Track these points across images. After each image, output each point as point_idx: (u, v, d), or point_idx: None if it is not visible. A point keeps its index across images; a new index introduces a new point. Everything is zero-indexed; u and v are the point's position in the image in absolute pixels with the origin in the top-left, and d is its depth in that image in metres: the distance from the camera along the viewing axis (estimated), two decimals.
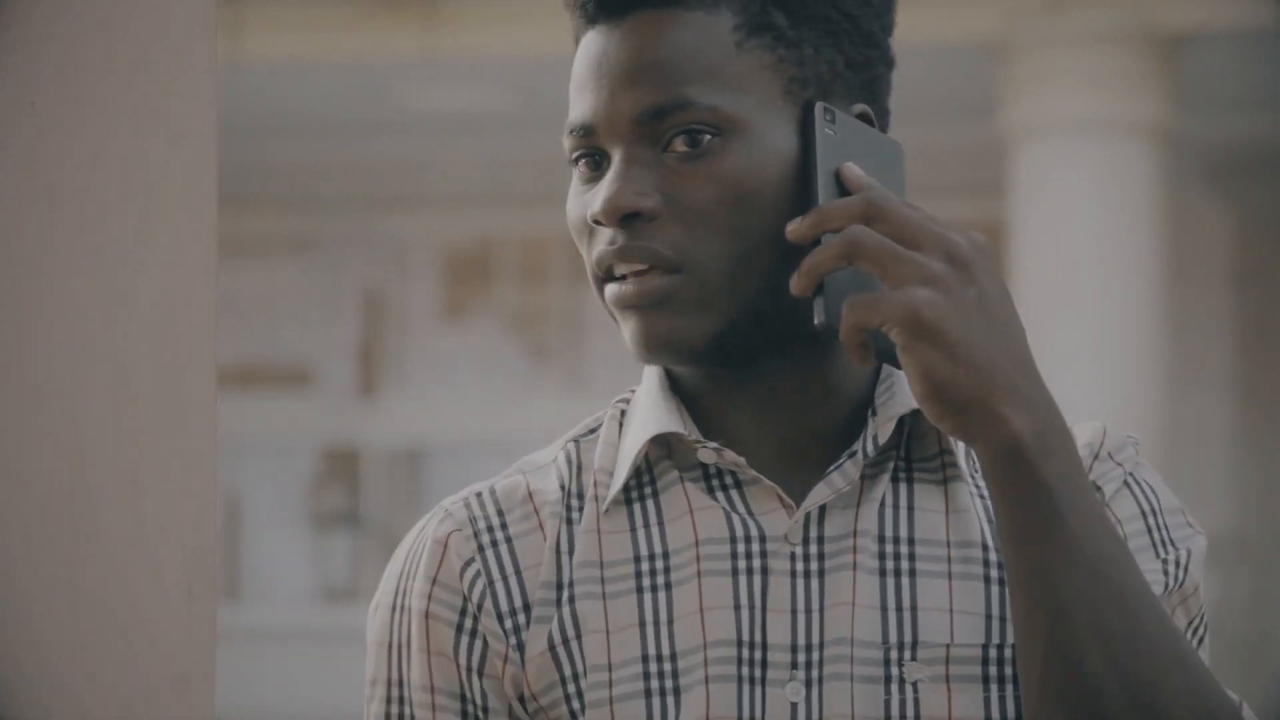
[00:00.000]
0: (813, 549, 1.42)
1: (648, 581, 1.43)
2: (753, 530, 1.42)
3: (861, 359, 1.33)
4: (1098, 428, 1.49)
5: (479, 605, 1.44)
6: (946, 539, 1.43)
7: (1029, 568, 1.33)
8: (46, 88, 1.13)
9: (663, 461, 1.46)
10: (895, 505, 1.44)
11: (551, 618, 1.44)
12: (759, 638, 1.40)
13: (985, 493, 1.45)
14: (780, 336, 1.42)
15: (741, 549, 1.42)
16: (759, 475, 1.43)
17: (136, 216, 1.17)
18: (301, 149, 11.21)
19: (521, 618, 1.44)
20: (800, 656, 1.40)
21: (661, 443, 1.46)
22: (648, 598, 1.43)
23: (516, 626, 1.44)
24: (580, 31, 1.45)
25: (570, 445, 1.51)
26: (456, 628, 1.45)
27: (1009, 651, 1.40)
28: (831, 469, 1.43)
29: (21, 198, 1.13)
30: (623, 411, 1.51)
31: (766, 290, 1.40)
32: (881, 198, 1.35)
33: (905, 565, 1.42)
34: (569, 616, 1.43)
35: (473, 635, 1.45)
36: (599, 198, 1.41)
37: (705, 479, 1.45)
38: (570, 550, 1.45)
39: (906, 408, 1.43)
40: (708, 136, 1.39)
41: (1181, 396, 9.27)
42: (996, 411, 1.31)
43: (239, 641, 10.60)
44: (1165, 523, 1.47)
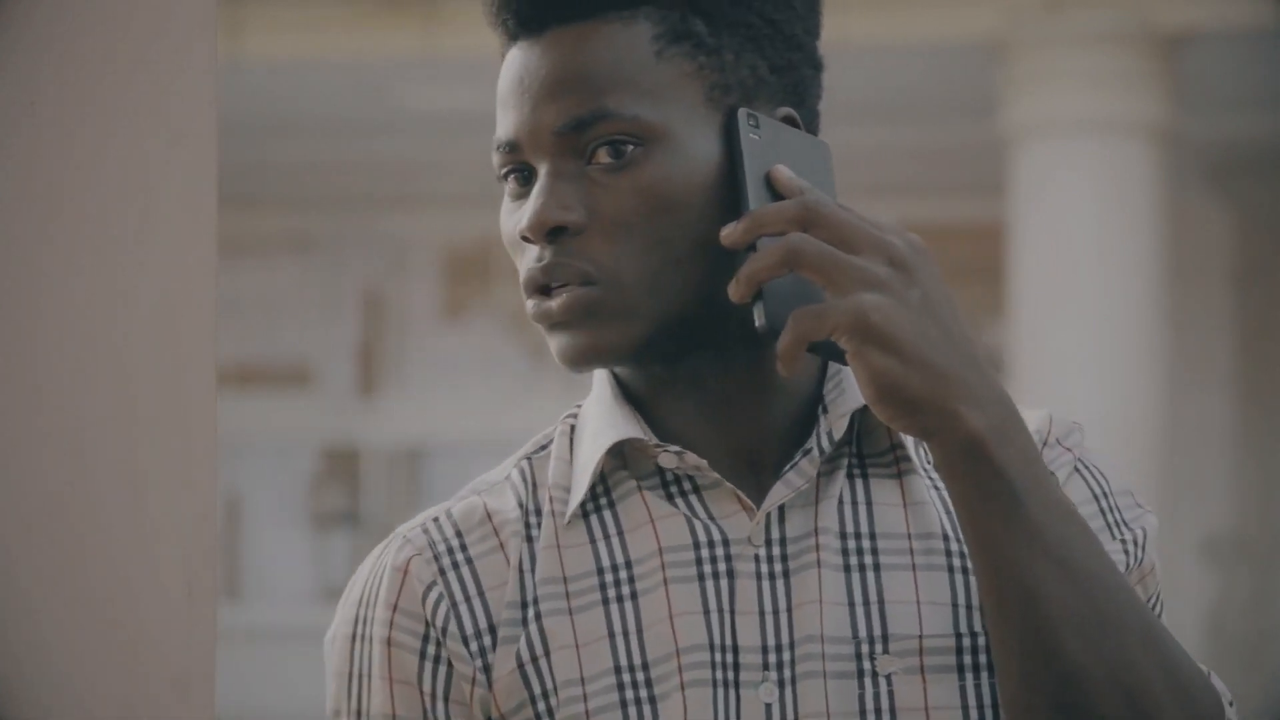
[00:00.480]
0: (776, 550, 1.42)
1: (613, 592, 1.43)
2: (715, 535, 1.42)
3: (790, 370, 1.33)
4: (1044, 415, 1.50)
5: (443, 629, 1.43)
6: (907, 532, 1.44)
7: (996, 560, 1.33)
8: (46, 88, 1.13)
9: (618, 472, 1.46)
10: (854, 501, 1.44)
11: (518, 637, 1.43)
12: (730, 641, 1.40)
13: (940, 485, 1.46)
14: (718, 339, 1.43)
15: (706, 554, 1.42)
16: (720, 478, 1.43)
17: (136, 216, 1.17)
18: (301, 149, 11.21)
19: (487, 639, 1.43)
20: (771, 657, 1.40)
21: (616, 453, 1.45)
22: (614, 609, 1.42)
23: (483, 649, 1.43)
24: (504, 49, 1.46)
25: (523, 463, 1.51)
26: (420, 654, 1.44)
27: (982, 640, 1.41)
28: (787, 468, 1.43)
29: (21, 198, 1.13)
30: (572, 426, 1.51)
31: (695, 295, 1.40)
32: (817, 201, 1.35)
33: (869, 560, 1.43)
34: (536, 634, 1.42)
35: (437, 661, 1.44)
36: (525, 214, 1.41)
37: (663, 486, 1.45)
38: (533, 568, 1.45)
39: (858, 403, 1.44)
40: (630, 147, 1.40)
41: (1181, 396, 9.27)
42: (951, 409, 1.32)
43: (239, 641, 10.61)
44: (1117, 504, 1.48)
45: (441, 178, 11.38)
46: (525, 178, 1.44)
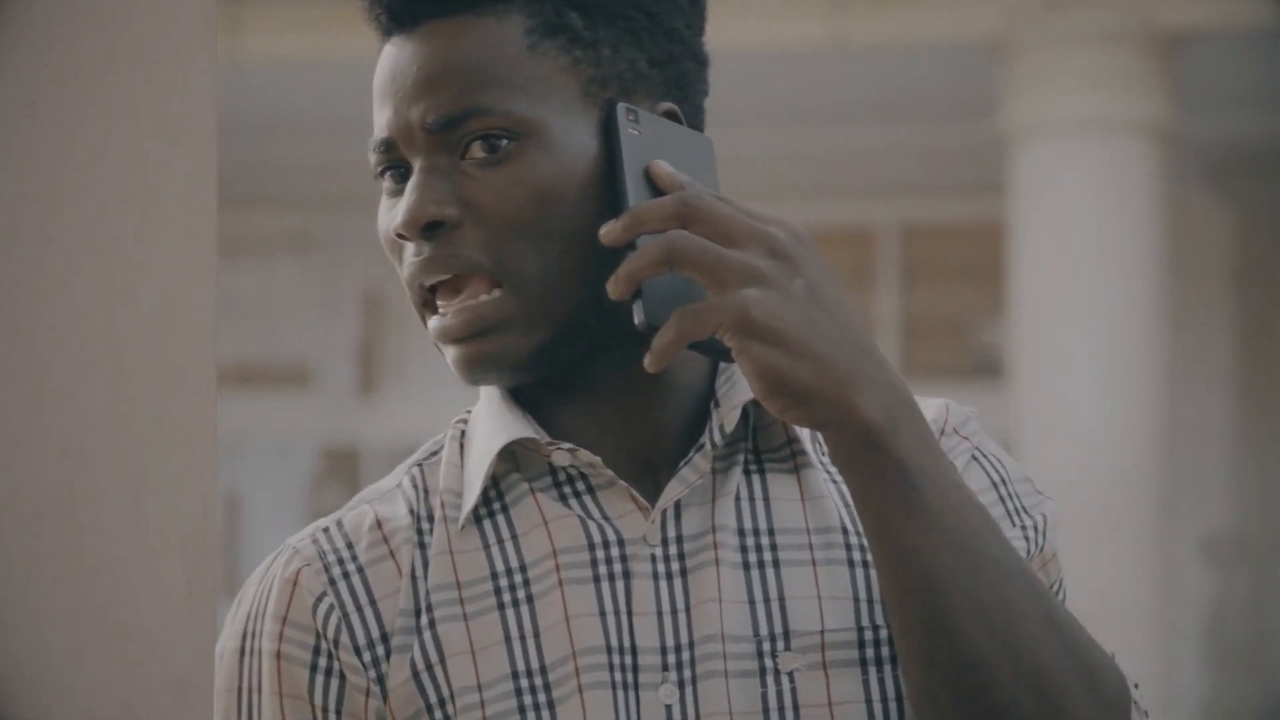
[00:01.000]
0: (672, 549, 1.41)
1: (508, 597, 1.41)
2: (610, 535, 1.41)
3: (656, 368, 1.31)
4: (939, 404, 1.49)
5: (335, 641, 1.41)
6: (806, 526, 1.42)
7: (896, 549, 1.32)
8: (46, 88, 1.13)
9: (510, 475, 1.44)
10: (751, 497, 1.43)
11: (412, 645, 1.40)
12: (628, 642, 1.39)
13: (838, 477, 1.45)
14: (608, 339, 1.41)
15: (601, 555, 1.40)
16: (614, 476, 1.41)
17: (136, 216, 1.17)
18: (301, 149, 11.22)
19: (380, 649, 1.41)
20: (671, 658, 1.39)
21: (507, 456, 1.44)
22: (510, 613, 1.40)
23: (376, 658, 1.41)
24: (379, 45, 1.46)
25: (414, 470, 1.49)
26: (311, 667, 1.41)
27: (884, 633, 1.40)
28: (682, 464, 1.41)
29: (21, 198, 1.13)
30: (463, 431, 1.49)
31: (587, 295, 1.39)
32: (696, 196, 1.33)
33: (768, 556, 1.41)
34: (430, 641, 1.40)
35: (328, 674, 1.41)
36: (399, 211, 1.40)
37: (556, 487, 1.43)
38: (425, 575, 1.42)
39: (749, 395, 1.42)
40: (505, 141, 1.38)
41: (1181, 396, 9.27)
42: (842, 398, 1.30)
43: None
44: (1016, 491, 1.47)
45: None
46: (401, 175, 1.43)
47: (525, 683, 1.38)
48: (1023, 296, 8.44)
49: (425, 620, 1.41)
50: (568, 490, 1.43)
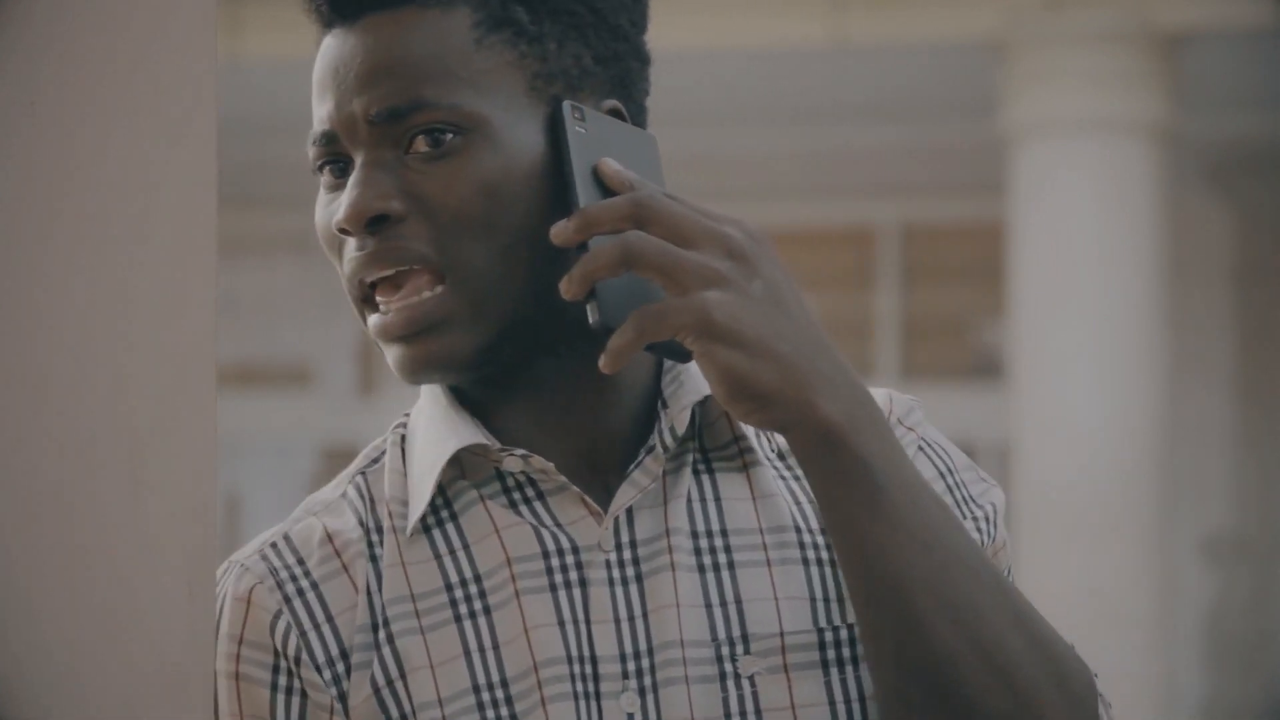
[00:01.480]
0: (627, 554, 1.39)
1: (464, 609, 1.38)
2: (564, 542, 1.39)
3: (611, 369, 1.30)
4: (883, 395, 1.47)
5: (295, 659, 1.38)
6: (759, 526, 1.41)
7: (861, 549, 1.31)
8: (46, 88, 1.13)
9: (457, 482, 1.42)
10: (702, 498, 1.41)
11: (371, 661, 1.38)
12: (587, 652, 1.37)
13: (786, 473, 1.44)
14: (553, 339, 1.39)
15: (556, 563, 1.39)
16: (566, 482, 1.39)
17: (136, 216, 1.17)
18: (301, 149, 11.18)
19: (341, 666, 1.39)
20: (631, 665, 1.37)
21: (454, 462, 1.41)
22: (468, 625, 1.38)
23: (337, 676, 1.38)
24: (319, 37, 1.43)
25: (358, 479, 1.47)
26: (272, 686, 1.39)
27: (844, 633, 1.39)
28: (632, 468, 1.40)
29: (21, 197, 1.13)
30: (403, 436, 1.47)
31: (532, 292, 1.37)
32: (650, 197, 1.31)
33: (723, 558, 1.40)
34: (389, 656, 1.38)
35: (289, 692, 1.39)
36: (341, 205, 1.38)
37: (505, 493, 1.41)
38: (380, 588, 1.40)
39: (698, 395, 1.41)
40: (449, 135, 1.36)
41: (1181, 396, 9.27)
42: (803, 399, 1.29)
43: None
44: (962, 480, 1.47)
45: None
46: (341, 170, 1.41)
47: (487, 696, 1.36)
48: (1023, 296, 8.44)
49: (384, 635, 1.38)
50: (517, 496, 1.41)
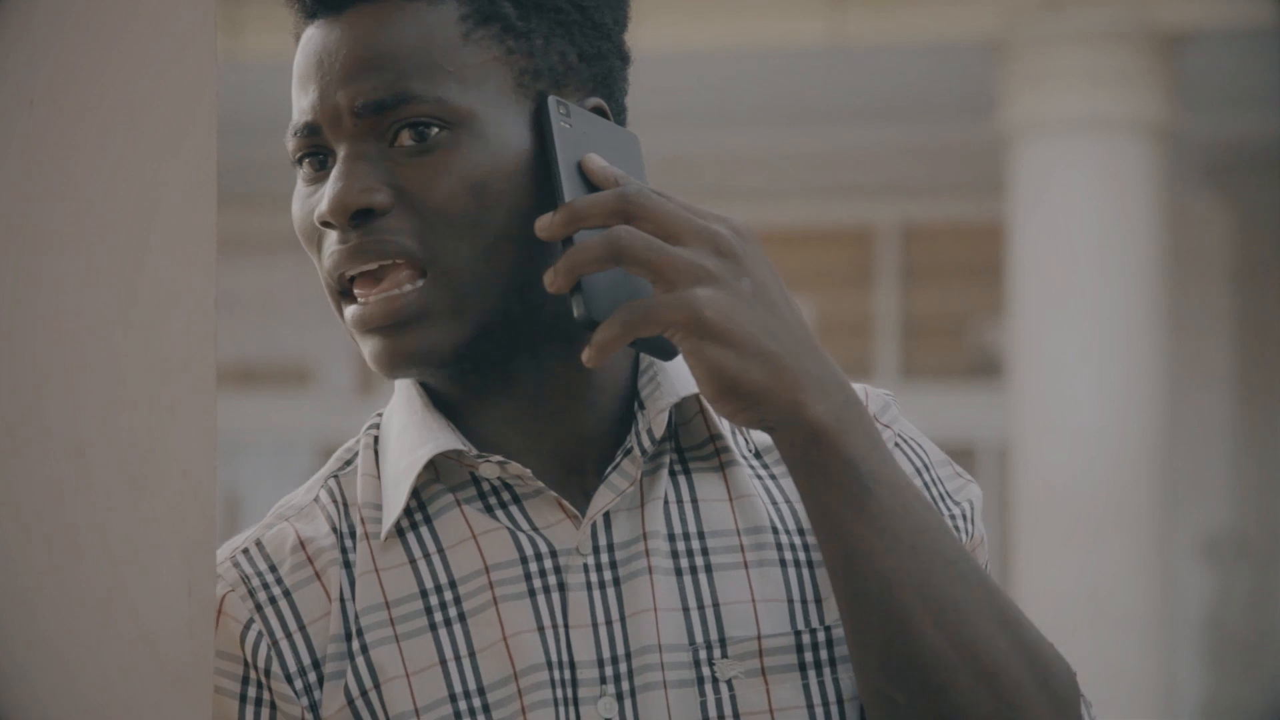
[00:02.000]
0: (604, 558, 1.38)
1: (439, 616, 1.37)
2: (542, 547, 1.37)
3: (595, 362, 1.29)
4: (858, 390, 1.45)
5: (265, 670, 1.37)
6: (736, 527, 1.40)
7: (849, 551, 1.30)
8: (46, 87, 1.13)
9: (432, 485, 1.40)
10: (679, 500, 1.40)
11: (345, 671, 1.36)
12: (566, 657, 1.36)
13: (762, 472, 1.43)
14: (531, 338, 1.38)
15: (534, 568, 1.37)
16: (543, 486, 1.38)
17: (136, 216, 1.17)
18: None
19: (313, 676, 1.37)
20: (608, 670, 1.36)
21: (428, 467, 1.40)
22: (443, 633, 1.36)
23: (308, 686, 1.37)
24: (300, 28, 1.41)
25: (331, 482, 1.45)
26: (240, 698, 1.37)
27: (822, 635, 1.38)
28: (609, 470, 1.39)
29: (21, 197, 1.13)
30: (376, 439, 1.45)
31: (514, 290, 1.36)
32: (638, 192, 1.30)
33: (700, 561, 1.39)
34: (364, 666, 1.36)
35: (259, 704, 1.37)
36: (324, 197, 1.36)
37: (481, 498, 1.39)
38: (354, 596, 1.38)
39: (676, 396, 1.40)
40: (435, 129, 1.35)
41: (1181, 396, 9.27)
42: (792, 399, 1.28)
43: None
44: (939, 476, 1.46)
45: None
46: (321, 162, 1.39)
47: (464, 705, 1.35)
48: (1022, 296, 8.44)
49: (357, 645, 1.37)
50: (493, 501, 1.39)
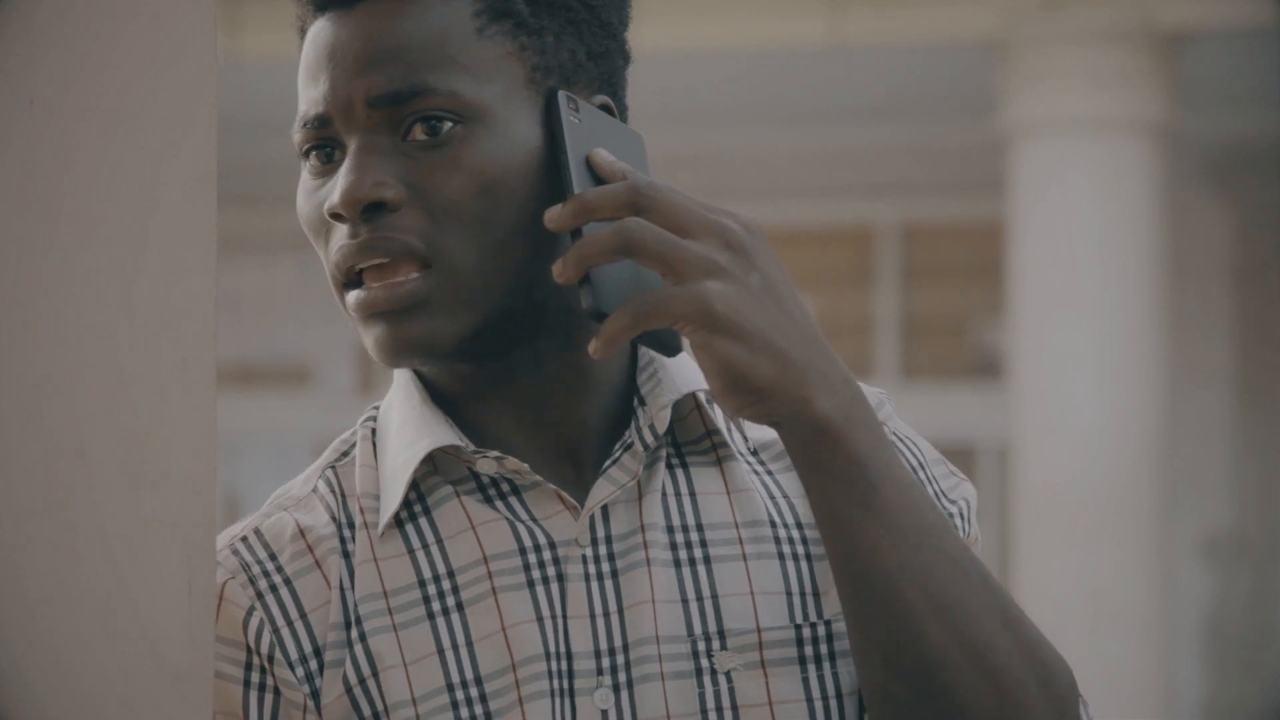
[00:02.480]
0: (603, 549, 1.38)
1: (438, 605, 1.37)
2: (540, 538, 1.37)
3: (603, 354, 1.28)
4: None
5: (269, 656, 1.37)
6: (734, 520, 1.40)
7: (853, 546, 1.30)
8: (46, 86, 1.13)
9: (431, 476, 1.40)
10: (677, 493, 1.40)
11: (344, 659, 1.36)
12: (563, 648, 1.35)
13: (759, 468, 1.43)
14: (531, 332, 1.38)
15: (533, 559, 1.37)
16: (540, 479, 1.38)
17: (136, 216, 1.17)
18: None
19: (314, 663, 1.37)
20: (605, 661, 1.36)
21: (427, 460, 1.39)
22: (441, 622, 1.36)
23: (309, 674, 1.36)
24: (307, 21, 1.40)
25: (329, 473, 1.44)
26: (244, 683, 1.37)
27: (822, 629, 1.38)
28: (608, 463, 1.38)
29: (21, 197, 1.13)
30: (373, 430, 1.45)
31: (518, 285, 1.36)
32: (648, 185, 1.30)
33: (699, 553, 1.38)
34: (363, 655, 1.36)
35: (262, 689, 1.37)
36: (336, 189, 1.35)
37: (480, 489, 1.39)
38: (353, 585, 1.38)
39: (677, 393, 1.40)
40: (449, 124, 1.34)
41: (1181, 396, 9.27)
42: (800, 395, 1.28)
43: None
44: (934, 475, 1.46)
45: None
46: (329, 155, 1.38)
47: (461, 694, 1.35)
48: (1022, 296, 8.44)
49: (356, 633, 1.37)
50: (492, 492, 1.39)
